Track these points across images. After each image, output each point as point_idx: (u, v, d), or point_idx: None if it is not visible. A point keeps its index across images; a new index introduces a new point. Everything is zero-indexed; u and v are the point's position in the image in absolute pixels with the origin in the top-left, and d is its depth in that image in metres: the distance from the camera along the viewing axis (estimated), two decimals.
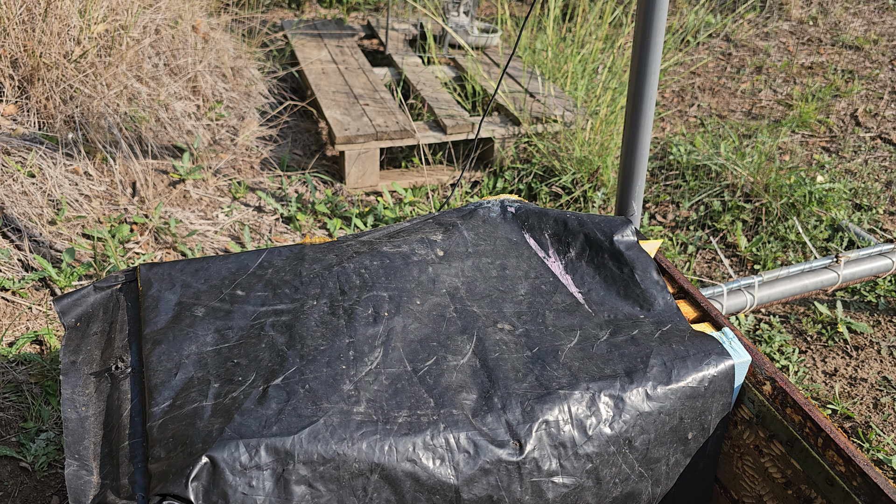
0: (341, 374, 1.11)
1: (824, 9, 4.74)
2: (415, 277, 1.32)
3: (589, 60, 3.25)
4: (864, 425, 1.83)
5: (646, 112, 1.61)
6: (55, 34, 2.35)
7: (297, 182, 2.72)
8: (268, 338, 1.17)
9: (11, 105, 2.35)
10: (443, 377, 1.14)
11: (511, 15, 4.57)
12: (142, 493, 0.96)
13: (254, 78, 3.23)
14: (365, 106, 2.91)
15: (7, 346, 1.81)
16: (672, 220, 2.65)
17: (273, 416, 1.02)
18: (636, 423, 1.14)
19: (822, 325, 2.16)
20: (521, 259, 1.43)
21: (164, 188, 2.50)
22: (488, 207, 1.54)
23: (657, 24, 1.52)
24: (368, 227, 2.47)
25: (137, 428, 1.05)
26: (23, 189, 2.17)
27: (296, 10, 4.61)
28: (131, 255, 2.20)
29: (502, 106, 2.97)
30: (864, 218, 2.64)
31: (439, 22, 3.42)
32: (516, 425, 1.08)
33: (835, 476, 1.07)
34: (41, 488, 1.52)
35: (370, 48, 4.03)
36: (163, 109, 2.67)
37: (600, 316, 1.31)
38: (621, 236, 1.44)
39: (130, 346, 1.19)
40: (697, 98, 3.63)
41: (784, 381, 1.17)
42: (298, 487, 0.98)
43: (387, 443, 1.02)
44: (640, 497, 1.19)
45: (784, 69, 3.93)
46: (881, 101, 3.56)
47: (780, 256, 2.43)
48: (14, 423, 1.63)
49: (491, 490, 1.06)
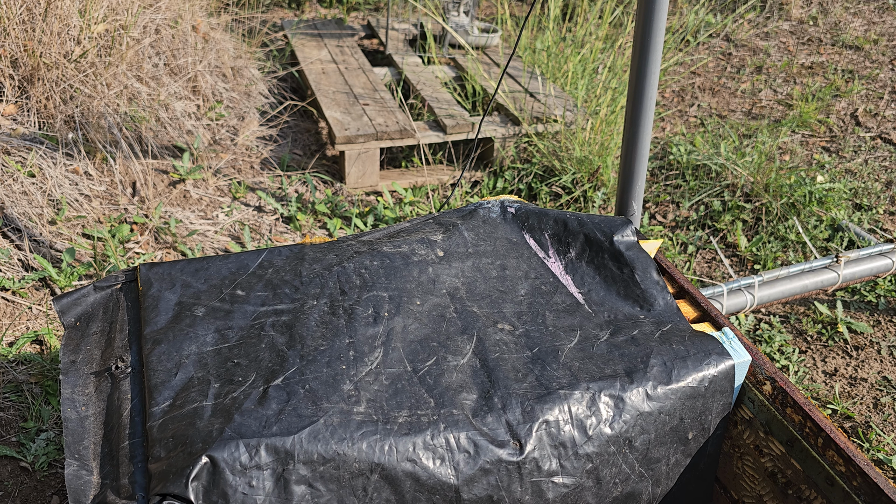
0: (341, 374, 1.11)
1: (824, 9, 4.74)
2: (415, 277, 1.32)
3: (589, 60, 3.25)
4: (864, 425, 1.83)
5: (646, 112, 1.61)
6: (55, 34, 2.35)
7: (298, 182, 2.72)
8: (268, 338, 1.17)
9: (11, 105, 2.35)
10: (443, 377, 1.14)
11: (511, 15, 4.57)
12: (142, 493, 0.96)
13: (254, 78, 3.23)
14: (365, 106, 2.91)
15: (7, 345, 1.81)
16: (672, 220, 2.65)
17: (273, 416, 1.02)
18: (636, 423, 1.14)
19: (822, 325, 2.16)
20: (521, 259, 1.43)
21: (164, 188, 2.50)
22: (488, 208, 1.54)
23: (657, 24, 1.52)
24: (368, 227, 2.47)
25: (137, 428, 1.05)
26: (23, 189, 2.17)
27: (296, 10, 4.61)
28: (131, 254, 2.20)
29: (502, 106, 2.97)
30: (865, 218, 2.64)
31: (439, 22, 3.42)
32: (516, 425, 1.08)
33: (835, 476, 1.07)
34: (41, 488, 1.52)
35: (370, 48, 4.03)
36: (163, 109, 2.67)
37: (600, 316, 1.31)
38: (621, 236, 1.44)
39: (130, 345, 1.19)
40: (697, 98, 3.63)
41: (784, 381, 1.17)
42: (298, 487, 0.99)
43: (387, 443, 1.02)
44: (640, 497, 1.19)
45: (784, 69, 3.93)
46: (881, 101, 3.56)
47: (780, 256, 2.43)
48: (14, 423, 1.63)
49: (491, 490, 1.06)
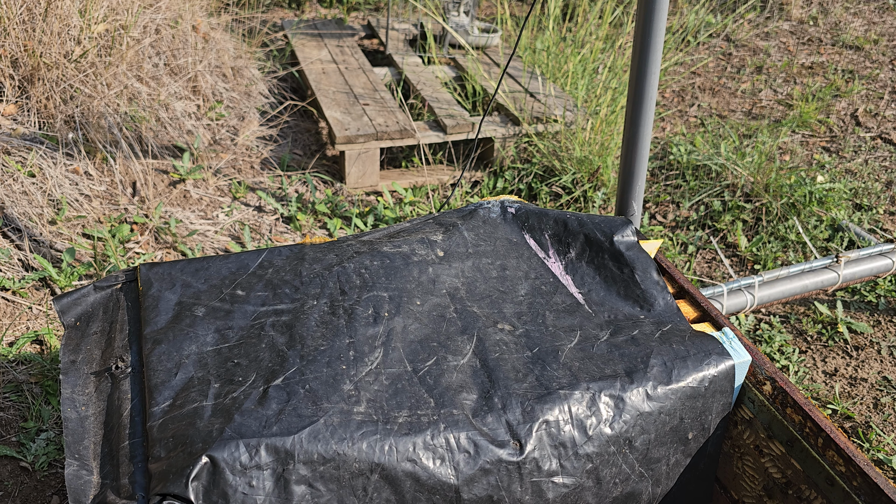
0: (341, 374, 1.11)
1: (825, 9, 4.74)
2: (415, 278, 1.32)
3: (589, 60, 3.25)
4: (865, 425, 1.83)
5: (646, 112, 1.61)
6: (55, 34, 2.35)
7: (298, 182, 2.72)
8: (268, 338, 1.17)
9: (12, 105, 2.35)
10: (443, 377, 1.14)
11: (511, 15, 4.57)
12: (142, 493, 0.96)
13: (254, 78, 3.23)
14: (365, 106, 2.91)
15: (7, 345, 1.81)
16: (672, 220, 2.65)
17: (273, 416, 1.02)
18: (636, 423, 1.14)
19: (822, 325, 2.16)
20: (521, 260, 1.43)
21: (165, 188, 2.50)
22: (488, 208, 1.54)
23: (657, 24, 1.52)
24: (369, 227, 2.47)
25: (137, 427, 1.05)
26: (23, 189, 2.17)
27: (296, 10, 4.61)
28: (131, 254, 2.20)
29: (502, 106, 2.97)
30: (865, 218, 2.64)
31: (439, 22, 3.42)
32: (516, 425, 1.08)
33: (835, 476, 1.07)
34: (41, 488, 1.52)
35: (370, 48, 4.03)
36: (163, 109, 2.67)
37: (600, 316, 1.31)
38: (621, 236, 1.44)
39: (130, 345, 1.19)
40: (698, 98, 3.63)
41: (784, 381, 1.17)
42: (298, 487, 0.99)
43: (387, 443, 1.02)
44: (640, 497, 1.19)
45: (784, 69, 3.93)
46: (881, 101, 3.56)
47: (781, 256, 2.43)
48: (14, 423, 1.63)
49: (491, 490, 1.06)
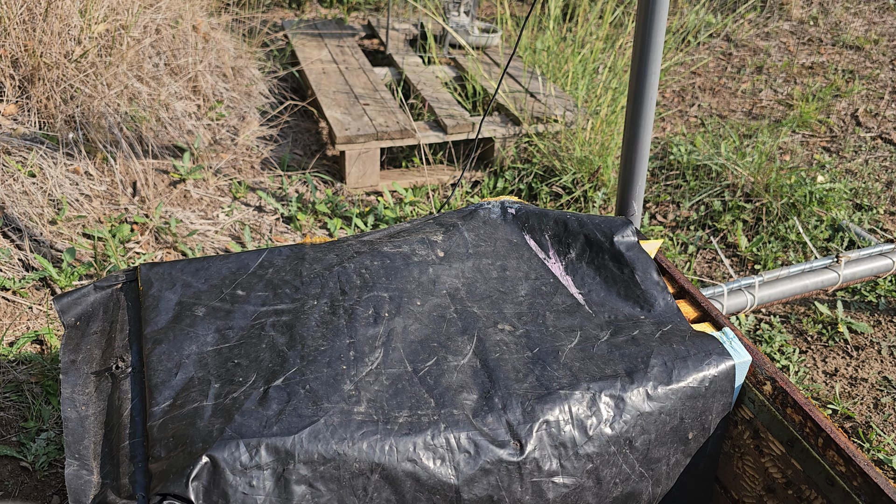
0: (342, 374, 1.11)
1: (825, 9, 4.74)
2: (415, 278, 1.32)
3: (589, 60, 3.25)
4: (865, 425, 1.83)
5: (646, 112, 1.61)
6: (56, 34, 2.35)
7: (298, 182, 2.72)
8: (268, 338, 1.17)
9: (12, 105, 2.35)
10: (443, 377, 1.14)
11: (511, 15, 4.57)
12: (142, 493, 0.96)
13: (254, 78, 3.23)
14: (365, 106, 2.91)
15: (7, 345, 1.81)
16: (672, 220, 2.65)
17: (273, 416, 1.02)
18: (637, 424, 1.14)
19: (822, 325, 2.16)
20: (521, 260, 1.43)
21: (165, 188, 2.50)
22: (489, 208, 1.54)
23: (658, 24, 1.52)
24: (369, 227, 2.47)
25: (138, 427, 1.05)
26: (23, 189, 2.17)
27: (296, 10, 4.61)
28: (132, 254, 2.20)
29: (503, 106, 2.97)
30: (865, 218, 2.64)
31: (440, 22, 3.42)
32: (517, 425, 1.08)
33: (835, 476, 1.07)
34: (41, 488, 1.52)
35: (371, 48, 4.03)
36: (163, 109, 2.67)
37: (601, 316, 1.31)
38: (621, 237, 1.44)
39: (131, 345, 1.19)
40: (698, 98, 3.63)
41: (784, 381, 1.17)
42: (299, 487, 0.99)
43: (387, 443, 1.02)
44: (640, 497, 1.19)
45: (784, 69, 3.93)
46: (882, 101, 3.56)
47: (781, 256, 2.43)
48: (14, 423, 1.63)
49: (491, 490, 1.06)
